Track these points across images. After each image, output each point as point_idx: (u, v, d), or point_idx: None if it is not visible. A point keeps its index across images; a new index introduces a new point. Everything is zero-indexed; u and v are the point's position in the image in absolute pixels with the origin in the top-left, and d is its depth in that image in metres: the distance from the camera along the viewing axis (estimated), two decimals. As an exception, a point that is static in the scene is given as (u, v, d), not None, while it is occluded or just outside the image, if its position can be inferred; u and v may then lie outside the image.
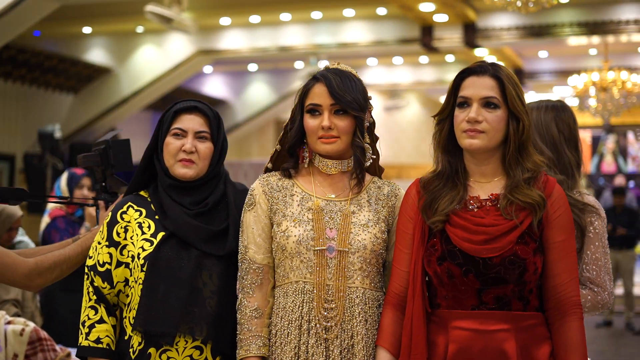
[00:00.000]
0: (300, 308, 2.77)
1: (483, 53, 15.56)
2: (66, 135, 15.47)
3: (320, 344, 2.74)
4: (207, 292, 2.87)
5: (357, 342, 2.75)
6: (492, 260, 2.57)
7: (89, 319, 2.93)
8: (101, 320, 2.92)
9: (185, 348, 2.84)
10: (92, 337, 2.90)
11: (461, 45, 14.34)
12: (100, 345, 2.89)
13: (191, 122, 2.97)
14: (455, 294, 2.63)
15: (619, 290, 12.69)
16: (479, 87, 2.64)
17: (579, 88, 15.01)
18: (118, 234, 2.95)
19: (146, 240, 2.91)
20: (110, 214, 3.00)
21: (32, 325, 4.45)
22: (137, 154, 3.21)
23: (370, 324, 2.78)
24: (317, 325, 2.74)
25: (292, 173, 2.93)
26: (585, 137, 22.16)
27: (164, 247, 2.88)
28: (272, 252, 2.85)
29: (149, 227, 2.94)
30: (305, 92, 2.86)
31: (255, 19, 14.64)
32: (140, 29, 15.39)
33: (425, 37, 14.03)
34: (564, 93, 17.98)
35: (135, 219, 2.96)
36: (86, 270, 2.98)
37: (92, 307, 2.94)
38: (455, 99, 2.70)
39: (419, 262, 2.68)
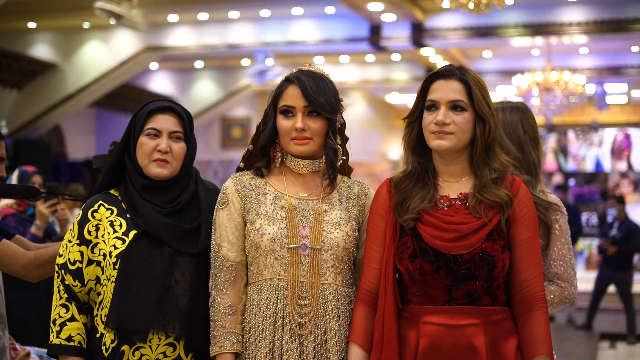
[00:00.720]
0: (274, 304, 2.82)
1: (429, 52, 15.74)
2: (10, 131, 15.26)
3: (295, 340, 2.80)
4: (179, 290, 2.90)
5: (330, 337, 2.82)
6: (462, 257, 2.66)
7: (59, 317, 2.93)
8: (72, 319, 2.93)
9: (158, 345, 2.87)
10: (64, 335, 2.91)
11: (409, 45, 14.48)
12: (71, 344, 2.90)
13: (165, 122, 2.99)
14: (427, 290, 2.71)
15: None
16: (447, 90, 2.73)
17: (523, 88, 15.29)
18: (89, 232, 2.95)
19: (118, 238, 2.93)
20: (81, 212, 3.00)
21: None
22: (83, 150, 3.23)
23: (343, 319, 2.85)
24: (291, 321, 2.80)
25: (265, 172, 2.98)
26: (527, 136, 22.47)
27: (137, 245, 2.90)
28: (245, 250, 2.90)
29: (121, 225, 2.95)
30: (278, 93, 2.91)
31: (203, 16, 14.60)
32: (86, 25, 15.23)
33: (374, 36, 14.14)
34: (507, 93, 18.22)
35: (107, 217, 2.97)
36: (56, 268, 2.98)
37: (62, 306, 2.94)
38: (424, 102, 2.79)
39: (390, 259, 2.75)
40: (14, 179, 6.29)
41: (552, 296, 3.21)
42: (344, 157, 3.00)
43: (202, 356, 2.91)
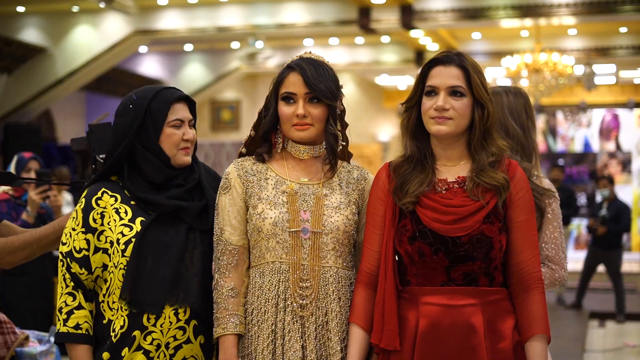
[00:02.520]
0: (276, 287, 2.89)
1: (419, 34, 15.76)
2: (0, 116, 15.23)
3: (296, 321, 2.87)
4: (193, 264, 2.99)
5: (331, 318, 2.89)
6: (460, 239, 2.74)
7: (66, 305, 2.96)
8: (79, 306, 2.96)
9: (169, 329, 2.93)
10: (71, 323, 2.94)
11: (398, 27, 14.51)
12: (79, 331, 2.94)
13: (184, 112, 3.07)
14: (426, 272, 2.79)
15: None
16: (446, 76, 2.80)
17: (512, 70, 15.35)
18: (94, 220, 2.98)
19: (125, 225, 2.97)
20: (84, 199, 3.02)
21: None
22: (73, 135, 3.23)
23: (344, 301, 2.92)
24: (293, 303, 2.87)
25: (266, 158, 3.05)
26: (516, 117, 22.53)
27: (152, 227, 2.97)
28: (247, 234, 2.97)
29: (126, 212, 2.99)
30: (280, 80, 2.98)
31: (193, -1, 14.60)
32: (75, 9, 15.18)
33: (363, 19, 14.15)
34: (496, 74, 18.29)
35: (112, 205, 3.00)
36: (61, 257, 3.00)
37: (69, 294, 2.97)
38: (422, 87, 2.86)
39: (390, 242, 2.83)
40: (12, 165, 6.33)
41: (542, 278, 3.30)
42: (344, 143, 3.07)
43: (211, 339, 2.98)
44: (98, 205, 3.00)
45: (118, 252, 2.94)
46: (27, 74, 15.63)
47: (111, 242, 2.96)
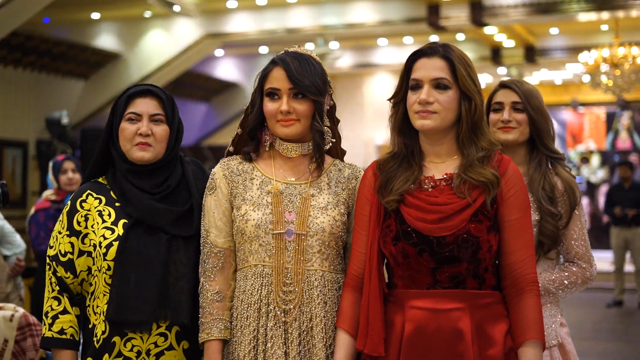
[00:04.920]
0: (259, 291, 2.79)
1: (492, 31, 15.48)
2: (78, 121, 15.53)
3: (279, 327, 2.76)
4: (179, 276, 2.89)
5: (315, 324, 2.77)
6: (445, 239, 2.59)
7: (52, 309, 2.93)
8: (65, 311, 2.92)
9: (149, 335, 2.85)
10: (56, 328, 2.90)
11: (468, 24, 14.24)
12: (64, 336, 2.90)
13: (145, 106, 2.97)
14: (411, 274, 2.65)
15: (630, 268, 12.61)
16: (430, 68, 2.66)
17: (590, 64, 14.88)
18: (78, 222, 2.94)
19: (106, 228, 2.91)
20: (70, 202, 2.98)
21: (21, 310, 4.50)
22: None
23: (330, 306, 2.80)
24: (276, 308, 2.77)
25: (253, 157, 2.94)
26: (600, 114, 21.99)
27: (131, 235, 2.88)
28: (233, 236, 2.87)
29: (109, 214, 2.94)
30: (264, 75, 2.87)
31: (261, 1, 14.60)
32: (148, 14, 15.39)
33: (432, 16, 13.94)
34: (576, 70, 17.82)
35: (95, 207, 2.95)
36: (48, 260, 2.97)
37: (55, 298, 2.94)
38: (408, 81, 2.72)
39: (375, 243, 2.70)
40: (50, 172, 6.38)
41: (574, 277, 3.18)
42: (334, 140, 2.95)
43: (196, 343, 2.89)
44: (82, 207, 2.95)
45: (100, 255, 2.88)
46: (103, 79, 15.94)
47: (94, 245, 2.91)
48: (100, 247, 2.88)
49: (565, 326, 3.26)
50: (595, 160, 19.72)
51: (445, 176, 2.69)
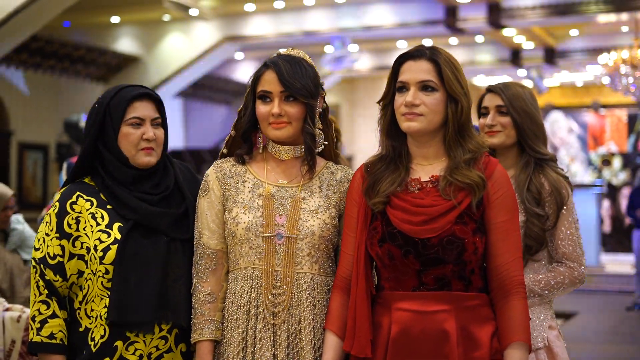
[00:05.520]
0: (248, 293, 2.80)
1: (511, 33, 15.42)
2: (98, 124, 15.61)
3: (268, 329, 2.77)
4: (177, 277, 2.89)
5: (304, 327, 2.78)
6: (430, 241, 2.58)
7: (39, 313, 2.85)
8: (54, 315, 2.86)
9: (152, 339, 2.85)
10: (45, 332, 2.84)
11: (486, 26, 14.20)
12: (53, 341, 2.84)
13: (146, 110, 2.94)
14: (397, 275, 2.65)
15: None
16: (416, 71, 2.66)
17: (609, 66, 14.79)
18: (69, 225, 2.88)
19: (102, 231, 2.86)
20: (58, 204, 2.92)
21: (28, 311, 4.53)
22: (171, 141, 3.22)
23: (319, 309, 2.81)
24: (265, 311, 2.77)
25: (246, 159, 2.95)
26: (621, 115, 21.84)
27: (130, 239, 2.85)
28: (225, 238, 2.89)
29: (102, 217, 2.89)
30: (256, 78, 2.88)
31: (279, 4, 14.66)
32: (167, 17, 15.49)
33: (449, 18, 13.92)
34: (596, 72, 17.72)
35: (87, 210, 2.89)
36: (34, 263, 2.90)
37: (43, 302, 2.86)
38: (395, 83, 2.72)
39: (362, 244, 2.70)
40: (63, 173, 6.42)
41: (561, 278, 3.17)
42: (326, 142, 2.95)
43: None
44: (73, 209, 2.89)
45: (96, 259, 2.84)
46: (122, 82, 15.87)
47: (87, 249, 2.86)
48: (96, 250, 2.84)
49: (555, 329, 3.24)
50: (616, 162, 19.59)
51: (431, 178, 2.69)
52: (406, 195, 2.67)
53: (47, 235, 2.90)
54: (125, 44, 16.04)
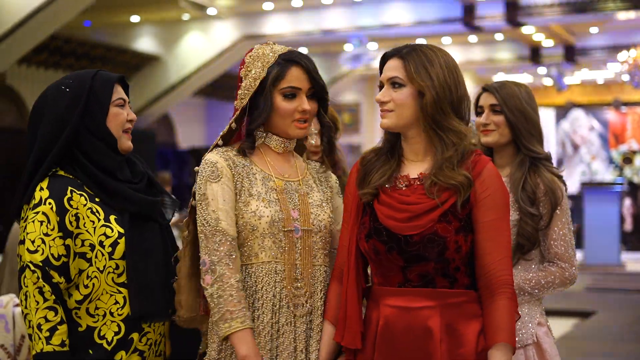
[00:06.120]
0: (273, 288, 2.79)
1: (530, 30, 15.37)
2: (117, 123, 15.71)
3: (290, 322, 2.79)
4: (170, 263, 2.90)
5: (316, 317, 2.83)
6: (412, 238, 2.61)
7: (47, 321, 2.68)
8: (62, 321, 2.71)
9: (158, 327, 2.89)
10: (56, 340, 2.68)
11: (504, 23, 14.16)
12: (65, 349, 2.70)
13: (123, 93, 2.92)
14: (383, 271, 2.69)
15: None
16: (387, 69, 2.73)
17: (629, 63, 14.69)
18: (70, 222, 2.76)
19: (104, 226, 2.79)
20: (53, 201, 2.77)
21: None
22: (193, 140, 3.23)
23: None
24: (288, 304, 2.79)
25: (248, 153, 2.91)
26: (642, 113, 21.70)
27: (131, 230, 2.83)
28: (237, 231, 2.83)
29: (98, 211, 2.80)
30: (281, 74, 2.82)
31: (297, 2, 14.69)
32: (186, 17, 15.56)
33: (467, 16, 13.89)
34: (616, 69, 17.60)
35: (84, 205, 2.78)
36: (32, 267, 2.71)
37: (50, 308, 2.70)
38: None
39: (353, 238, 2.74)
40: None
41: (552, 277, 3.20)
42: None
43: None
44: (71, 206, 2.76)
45: (104, 255, 2.77)
46: (142, 81, 16.12)
47: (91, 246, 2.77)
48: (103, 246, 2.77)
49: (544, 325, 3.26)
50: (638, 160, 19.47)
51: (419, 175, 2.72)
52: (393, 192, 2.70)
53: (47, 235, 2.73)
54: (145, 43, 16.13)
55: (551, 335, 3.28)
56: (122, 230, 2.81)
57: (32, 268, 2.71)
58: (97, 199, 2.82)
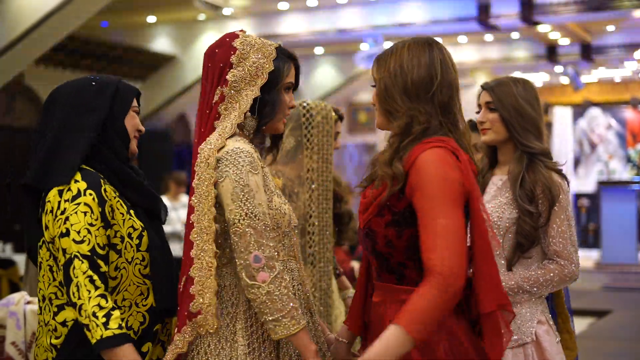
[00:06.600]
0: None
1: (546, 29, 15.30)
2: (135, 122, 15.81)
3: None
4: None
5: (314, 311, 2.91)
6: (362, 232, 2.69)
7: (101, 308, 2.68)
8: (114, 307, 2.72)
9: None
10: (113, 324, 2.67)
11: (519, 22, 14.11)
12: (124, 331, 2.70)
13: (136, 104, 3.07)
14: (368, 265, 2.85)
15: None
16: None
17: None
18: (108, 213, 2.81)
19: (130, 219, 2.87)
20: (93, 192, 2.81)
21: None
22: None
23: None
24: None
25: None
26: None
27: (147, 224, 2.93)
28: None
29: (123, 205, 2.88)
30: (289, 70, 2.85)
31: (312, 2, 14.70)
32: (202, 17, 15.60)
33: (482, 15, 13.84)
34: (633, 67, 17.52)
35: (115, 197, 2.85)
36: (81, 257, 2.72)
37: (101, 296, 2.70)
38: None
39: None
40: None
41: (551, 275, 3.19)
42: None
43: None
44: (108, 197, 2.82)
45: (132, 247, 2.84)
46: (159, 81, 16.20)
47: (122, 237, 2.83)
48: (131, 238, 2.84)
49: (545, 324, 3.24)
50: (656, 159, 19.34)
51: None
52: (370, 187, 2.73)
53: (92, 225, 2.76)
54: (161, 44, 16.20)
55: (553, 333, 3.28)
56: (142, 224, 2.91)
57: (81, 258, 2.73)
58: (116, 192, 2.89)
